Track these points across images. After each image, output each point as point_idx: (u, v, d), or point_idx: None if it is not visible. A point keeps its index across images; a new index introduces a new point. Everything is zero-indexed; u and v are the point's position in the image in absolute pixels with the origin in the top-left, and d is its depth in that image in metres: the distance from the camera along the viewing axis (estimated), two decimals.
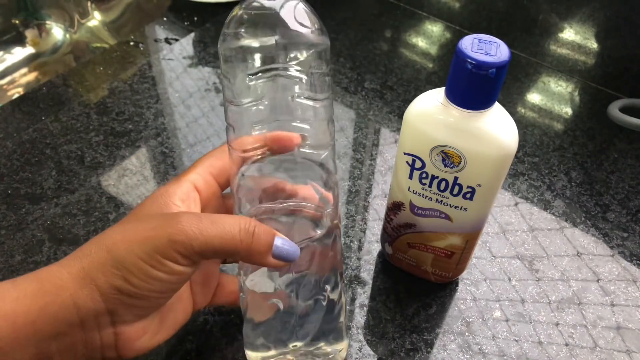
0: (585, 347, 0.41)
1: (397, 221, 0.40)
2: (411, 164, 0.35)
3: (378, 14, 0.71)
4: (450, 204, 0.36)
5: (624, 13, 0.57)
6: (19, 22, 0.68)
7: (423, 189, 0.36)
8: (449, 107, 0.32)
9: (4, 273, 0.44)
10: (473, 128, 0.32)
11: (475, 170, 0.33)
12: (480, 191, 0.34)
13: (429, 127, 0.33)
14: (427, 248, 0.40)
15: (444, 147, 0.33)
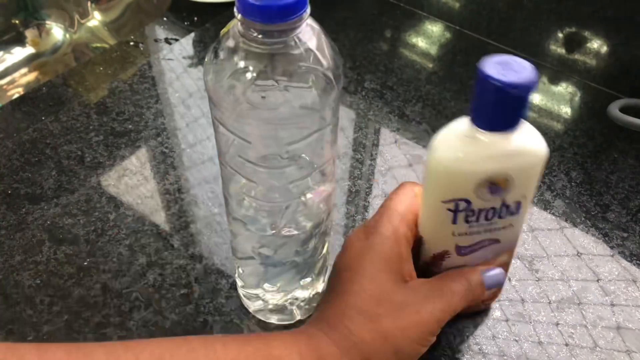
0: (585, 347, 0.41)
1: (442, 268, 0.37)
2: (454, 209, 0.33)
3: (378, 14, 0.71)
4: (499, 227, 0.34)
5: (624, 13, 0.57)
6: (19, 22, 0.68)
7: (470, 227, 0.34)
8: (479, 135, 0.30)
9: (3, 273, 0.44)
10: (514, 146, 0.30)
11: (521, 184, 0.32)
12: (524, 203, 0.33)
13: (468, 164, 0.31)
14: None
15: (490, 178, 0.31)
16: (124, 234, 0.47)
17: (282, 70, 0.30)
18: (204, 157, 0.53)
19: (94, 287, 0.43)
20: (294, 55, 0.30)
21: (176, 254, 0.46)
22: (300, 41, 0.30)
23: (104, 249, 0.46)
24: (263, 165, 0.34)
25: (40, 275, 0.44)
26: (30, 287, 0.43)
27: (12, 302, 0.42)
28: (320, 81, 0.31)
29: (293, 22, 0.29)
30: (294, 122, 0.32)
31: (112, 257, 0.45)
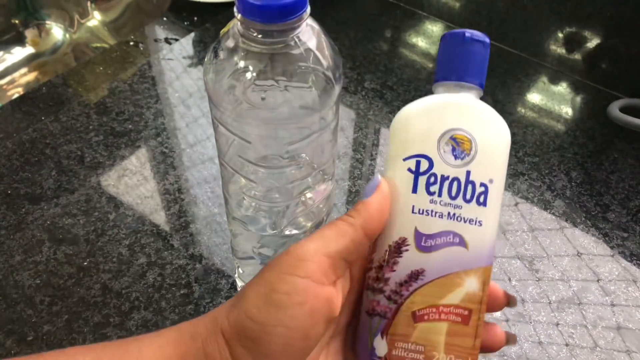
0: (586, 347, 0.41)
1: (398, 275, 0.30)
2: (415, 169, 0.30)
3: (378, 14, 0.71)
4: (465, 217, 0.30)
5: (624, 13, 0.57)
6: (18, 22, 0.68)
7: (432, 202, 0.29)
8: (443, 92, 0.31)
9: (3, 273, 0.44)
10: (477, 107, 0.30)
11: (486, 158, 0.30)
12: (492, 190, 0.30)
13: (432, 114, 0.30)
14: (441, 312, 0.29)
15: (454, 132, 0.29)
16: (123, 234, 0.47)
17: (282, 70, 0.30)
18: (204, 157, 0.53)
19: (94, 287, 0.43)
20: (293, 55, 0.30)
21: (176, 254, 0.46)
22: (300, 41, 0.30)
23: (104, 249, 0.46)
24: (263, 165, 0.34)
25: (40, 275, 0.44)
26: (30, 287, 0.43)
27: (12, 302, 0.42)
28: (320, 81, 0.31)
29: (293, 22, 0.29)
30: (293, 122, 0.32)
31: (112, 257, 0.45)
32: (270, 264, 0.27)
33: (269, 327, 0.26)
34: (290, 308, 0.26)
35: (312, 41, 0.30)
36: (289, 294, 0.26)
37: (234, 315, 0.27)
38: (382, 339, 0.30)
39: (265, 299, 0.26)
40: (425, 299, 0.29)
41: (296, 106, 0.31)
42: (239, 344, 0.26)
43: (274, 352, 0.26)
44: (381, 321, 0.30)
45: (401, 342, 0.29)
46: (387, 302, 0.30)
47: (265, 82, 0.31)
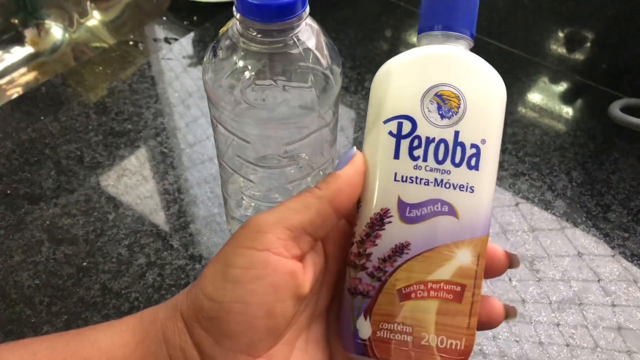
0: (586, 347, 0.41)
1: (380, 250, 0.27)
2: (397, 132, 0.26)
3: (378, 14, 0.71)
4: (454, 183, 0.26)
5: (625, 12, 0.57)
6: (18, 22, 0.68)
7: (416, 167, 0.26)
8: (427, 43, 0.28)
9: (3, 273, 0.44)
10: (465, 59, 0.27)
11: (477, 116, 0.26)
12: (485, 151, 0.27)
13: (414, 69, 0.27)
14: (429, 288, 0.27)
15: (438, 88, 0.26)
16: (123, 234, 0.47)
17: (281, 69, 0.30)
18: (204, 157, 0.53)
19: (93, 288, 0.43)
20: (293, 54, 0.30)
21: (175, 254, 0.45)
22: (299, 41, 0.30)
23: (103, 249, 0.46)
24: (262, 165, 0.34)
25: (39, 276, 0.44)
26: (29, 287, 0.43)
27: (11, 303, 0.42)
28: (319, 81, 0.31)
29: (292, 22, 0.29)
30: (293, 122, 0.32)
31: (111, 257, 0.45)
32: (229, 239, 0.26)
33: (226, 304, 0.24)
34: (248, 283, 0.24)
35: (312, 41, 0.30)
36: (245, 268, 0.24)
37: (191, 295, 0.25)
38: (366, 320, 0.27)
39: (221, 275, 0.24)
40: (412, 275, 0.26)
41: (295, 106, 0.31)
42: (198, 325, 0.25)
43: (235, 332, 0.24)
44: (364, 300, 0.27)
45: (386, 323, 0.26)
46: (369, 280, 0.27)
47: (264, 82, 0.31)
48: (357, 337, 0.27)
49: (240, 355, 0.24)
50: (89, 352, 0.25)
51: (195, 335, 0.25)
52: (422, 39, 0.28)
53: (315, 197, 0.25)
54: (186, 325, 0.25)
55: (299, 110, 0.31)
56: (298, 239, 0.25)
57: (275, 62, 0.30)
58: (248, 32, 0.29)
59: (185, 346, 0.25)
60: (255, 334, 0.24)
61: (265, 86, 0.31)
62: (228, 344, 0.24)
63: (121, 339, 0.26)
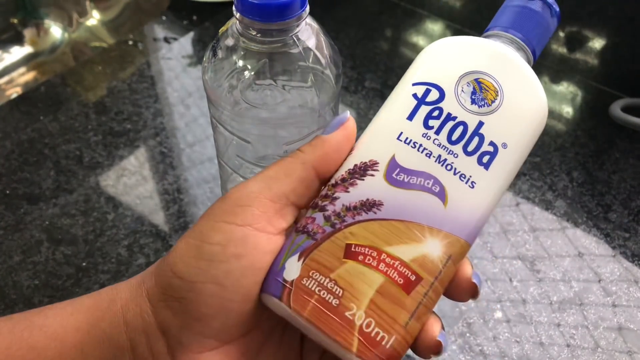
0: (587, 348, 0.40)
1: (349, 198, 0.24)
2: (421, 97, 0.25)
3: (378, 13, 0.71)
4: (456, 168, 0.24)
5: (626, 12, 0.57)
6: (17, 22, 0.68)
7: (425, 136, 0.24)
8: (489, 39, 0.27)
9: (2, 274, 0.44)
10: (521, 66, 0.26)
11: (508, 118, 0.25)
12: (503, 156, 0.24)
13: (467, 50, 0.26)
14: (382, 260, 0.23)
15: (481, 75, 0.25)
16: (122, 235, 0.47)
17: (281, 69, 0.30)
18: (203, 157, 0.53)
19: (93, 288, 0.43)
20: (293, 54, 0.30)
21: None
22: (299, 40, 0.30)
23: (103, 249, 0.45)
24: (262, 165, 0.34)
25: (38, 276, 0.44)
26: (28, 287, 0.43)
27: (10, 303, 0.42)
28: (319, 80, 0.31)
29: (292, 21, 0.29)
30: (293, 122, 0.31)
31: (110, 257, 0.45)
32: (205, 212, 0.23)
33: (198, 284, 0.21)
34: (225, 262, 0.21)
35: (312, 40, 0.30)
36: (222, 245, 0.21)
37: (159, 271, 0.22)
38: (298, 261, 0.23)
39: (195, 251, 0.21)
40: (369, 237, 0.23)
41: (295, 106, 0.31)
42: (164, 305, 0.22)
43: (205, 316, 0.21)
44: (306, 240, 0.23)
45: (318, 273, 0.23)
46: (322, 222, 0.23)
47: (264, 82, 0.30)
48: (278, 276, 0.23)
49: (209, 340, 0.22)
50: (35, 338, 0.23)
51: (161, 317, 0.22)
52: (488, 36, 0.27)
53: (298, 162, 0.23)
54: (151, 305, 0.22)
55: (299, 110, 0.31)
56: (282, 210, 0.23)
57: (275, 61, 0.30)
58: (248, 31, 0.29)
59: (149, 329, 0.22)
60: (229, 318, 0.22)
61: (265, 86, 0.31)
62: (197, 328, 0.22)
63: (73, 322, 0.23)
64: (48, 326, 0.23)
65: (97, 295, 0.24)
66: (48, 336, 0.23)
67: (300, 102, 0.31)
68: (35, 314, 0.24)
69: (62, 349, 0.22)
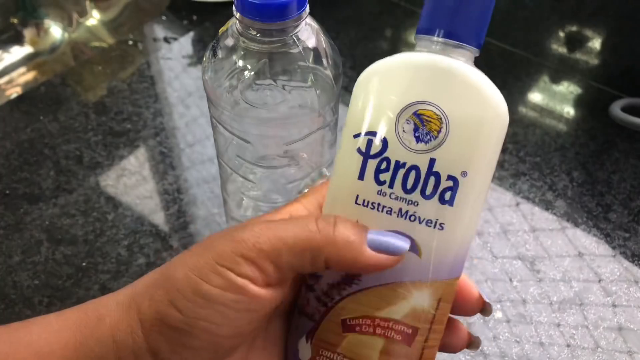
0: (587, 348, 0.40)
1: (330, 275, 0.24)
2: (365, 150, 0.23)
3: (378, 13, 0.71)
4: (420, 217, 0.23)
5: (626, 12, 0.57)
6: (17, 21, 0.68)
7: (380, 193, 0.23)
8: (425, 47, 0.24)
9: (2, 274, 0.44)
10: (461, 76, 0.23)
11: (460, 144, 0.23)
12: (465, 186, 0.23)
13: (396, 79, 0.23)
14: (376, 325, 0.24)
15: (418, 106, 0.23)
16: (122, 235, 0.47)
17: (281, 69, 0.30)
18: (203, 157, 0.53)
19: (93, 288, 0.43)
20: (292, 54, 0.30)
21: (175, 254, 0.45)
22: (299, 40, 0.30)
23: (103, 249, 0.45)
24: (262, 165, 0.34)
25: (38, 276, 0.44)
26: (28, 287, 0.43)
27: (10, 303, 0.42)
28: (319, 80, 0.31)
29: (292, 21, 0.29)
30: (293, 122, 0.31)
31: (110, 257, 0.45)
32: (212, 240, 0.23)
33: (193, 319, 0.22)
34: (222, 304, 0.22)
35: (312, 40, 0.30)
36: (222, 290, 0.22)
37: (157, 297, 0.23)
38: (307, 343, 0.25)
39: (195, 287, 0.22)
40: (359, 308, 0.24)
41: (295, 105, 0.31)
42: (158, 330, 0.22)
43: (197, 347, 0.22)
44: (308, 322, 0.25)
45: (327, 351, 0.25)
46: (316, 303, 0.25)
47: (264, 82, 0.30)
48: (296, 358, 0.25)
49: None
50: (21, 356, 0.22)
51: (152, 340, 0.22)
52: (419, 41, 0.24)
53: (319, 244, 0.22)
54: (142, 328, 0.23)
55: (299, 110, 0.31)
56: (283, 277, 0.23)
57: (275, 61, 0.30)
58: (248, 31, 0.29)
59: (139, 351, 0.22)
60: (218, 350, 0.23)
61: (265, 86, 0.31)
62: (187, 355, 0.22)
63: (58, 339, 0.23)
64: (34, 344, 0.23)
65: (83, 310, 0.24)
66: (34, 354, 0.22)
67: (300, 102, 0.31)
68: (19, 330, 0.23)
69: None
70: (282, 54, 0.30)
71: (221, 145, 0.35)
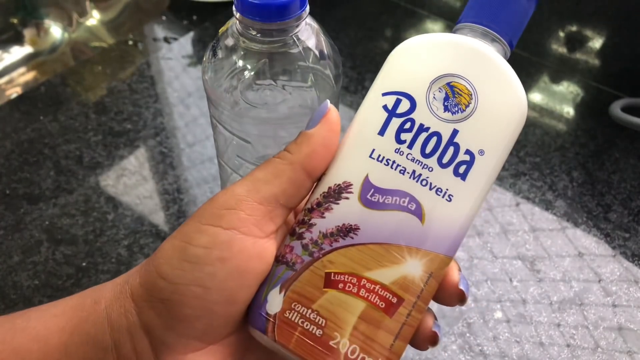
0: (587, 348, 0.40)
1: (325, 224, 0.24)
2: (391, 108, 0.24)
3: (378, 13, 0.71)
4: (432, 183, 0.23)
5: (626, 12, 0.57)
6: (17, 21, 0.68)
7: (398, 152, 0.23)
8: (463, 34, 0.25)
9: (2, 274, 0.44)
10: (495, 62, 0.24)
11: (484, 122, 0.24)
12: (480, 164, 0.24)
13: (436, 51, 0.24)
14: (362, 286, 0.23)
15: (453, 78, 0.24)
16: (122, 235, 0.46)
17: (281, 69, 0.30)
18: (203, 157, 0.53)
19: None
20: (293, 54, 0.30)
21: None
22: (299, 40, 0.30)
23: (103, 249, 0.45)
24: None
25: (38, 276, 0.44)
26: (28, 287, 0.43)
27: (10, 303, 0.42)
28: (319, 80, 0.31)
29: (292, 21, 0.29)
30: (293, 122, 0.31)
31: (110, 257, 0.45)
32: (193, 214, 0.23)
33: (181, 286, 0.21)
34: (209, 264, 0.21)
35: (312, 40, 0.30)
36: (207, 248, 0.21)
37: (144, 272, 0.22)
38: (280, 294, 0.23)
39: (179, 252, 0.22)
40: (348, 264, 0.23)
41: (295, 105, 0.31)
42: (149, 306, 0.22)
43: (189, 317, 0.22)
44: (286, 271, 0.23)
45: (300, 305, 0.23)
46: (301, 251, 0.23)
47: (264, 82, 0.30)
48: (262, 309, 0.23)
49: (194, 341, 0.22)
50: (18, 340, 0.22)
51: (145, 317, 0.22)
52: (459, 29, 0.26)
53: (286, 163, 0.23)
54: (135, 305, 0.22)
55: (299, 110, 0.31)
56: (271, 213, 0.22)
57: (275, 61, 0.30)
58: (248, 31, 0.29)
59: (133, 329, 0.22)
60: (212, 320, 0.22)
61: (265, 86, 0.31)
62: (181, 329, 0.22)
63: (56, 323, 0.23)
64: (31, 328, 0.23)
65: (81, 295, 0.24)
66: (31, 338, 0.22)
67: (300, 102, 0.31)
68: (19, 317, 0.24)
69: (46, 350, 0.22)
70: (282, 54, 0.30)
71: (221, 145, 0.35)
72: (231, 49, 0.30)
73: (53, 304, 0.24)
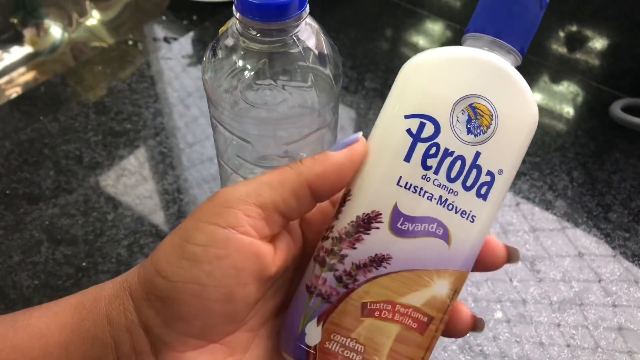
0: (587, 348, 0.40)
1: (357, 255, 0.24)
2: (415, 132, 0.24)
3: (378, 13, 0.71)
4: (457, 207, 0.24)
5: (626, 12, 0.57)
6: (17, 21, 0.68)
7: (425, 178, 0.23)
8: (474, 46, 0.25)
9: (1, 274, 0.44)
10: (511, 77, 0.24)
11: (504, 142, 0.24)
12: (499, 183, 0.24)
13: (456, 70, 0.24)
14: (395, 311, 0.24)
15: (475, 99, 0.23)
16: (122, 235, 0.46)
17: (281, 69, 0.30)
18: (203, 157, 0.53)
19: None
20: (292, 54, 0.30)
21: None
22: (299, 40, 0.30)
23: (103, 249, 0.45)
24: (262, 165, 0.34)
25: (38, 276, 0.44)
26: (28, 287, 0.43)
27: (10, 303, 0.42)
28: (319, 80, 0.31)
29: (292, 21, 0.29)
30: (292, 122, 0.31)
31: (110, 257, 0.45)
32: (192, 212, 0.23)
33: (179, 284, 0.21)
34: (206, 262, 0.21)
35: (311, 40, 0.30)
36: (205, 246, 0.21)
37: (142, 270, 0.23)
38: (318, 326, 0.24)
39: (178, 250, 0.22)
40: (383, 292, 0.23)
41: (295, 105, 0.31)
42: (147, 304, 0.22)
43: (187, 315, 0.22)
44: (322, 304, 0.24)
45: (339, 335, 0.23)
46: (335, 284, 0.24)
47: (264, 82, 0.30)
48: (301, 341, 0.24)
49: (192, 339, 0.22)
50: (19, 338, 0.23)
51: (143, 315, 0.22)
52: (468, 39, 0.25)
53: (295, 173, 0.23)
54: (134, 304, 0.22)
55: (299, 110, 0.31)
56: (268, 218, 0.22)
57: (275, 61, 0.30)
58: (248, 31, 0.29)
59: (132, 327, 0.22)
60: (210, 318, 0.22)
61: (265, 86, 0.31)
62: (179, 327, 0.22)
63: (57, 321, 0.23)
64: (32, 326, 0.23)
65: (82, 294, 0.24)
66: (32, 336, 0.23)
67: (300, 102, 0.31)
68: (20, 314, 0.24)
69: (47, 348, 0.22)
70: (282, 54, 0.30)
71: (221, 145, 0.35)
72: (231, 49, 0.30)
73: (54, 302, 0.24)
